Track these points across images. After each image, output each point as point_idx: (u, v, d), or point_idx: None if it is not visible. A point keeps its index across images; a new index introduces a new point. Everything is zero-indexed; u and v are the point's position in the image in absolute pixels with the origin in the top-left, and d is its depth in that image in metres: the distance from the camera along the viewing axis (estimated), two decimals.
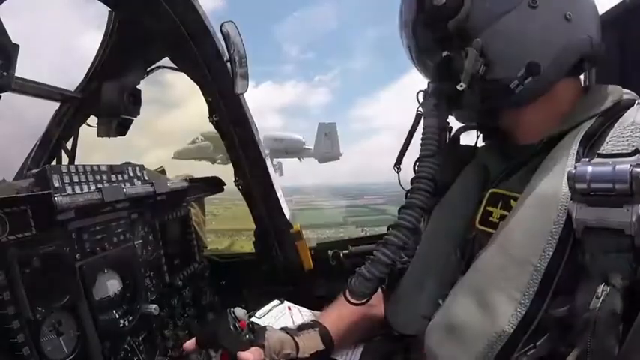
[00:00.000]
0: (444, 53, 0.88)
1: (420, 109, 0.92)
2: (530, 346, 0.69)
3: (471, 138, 1.03)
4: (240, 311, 0.93)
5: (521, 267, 0.69)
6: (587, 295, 0.63)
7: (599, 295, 0.61)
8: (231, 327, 0.89)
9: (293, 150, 31.74)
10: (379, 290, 0.92)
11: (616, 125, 0.74)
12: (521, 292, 0.68)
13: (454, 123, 1.00)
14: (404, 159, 0.99)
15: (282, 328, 1.01)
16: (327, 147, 32.27)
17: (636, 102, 0.78)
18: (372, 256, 0.88)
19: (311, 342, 0.99)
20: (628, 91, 0.82)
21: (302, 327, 1.03)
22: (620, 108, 0.78)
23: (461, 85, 0.83)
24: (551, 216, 0.68)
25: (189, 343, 0.95)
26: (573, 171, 0.66)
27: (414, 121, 0.94)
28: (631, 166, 0.61)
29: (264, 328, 0.95)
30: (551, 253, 0.67)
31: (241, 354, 0.86)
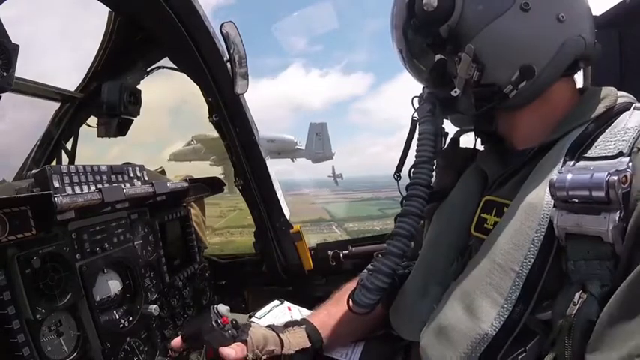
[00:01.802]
0: (437, 57, 0.88)
1: (415, 115, 0.93)
2: (521, 349, 0.70)
3: (470, 139, 1.03)
4: (223, 308, 0.93)
5: (504, 273, 0.70)
6: (565, 301, 0.64)
7: (576, 302, 0.62)
8: (214, 323, 0.90)
9: (285, 150, 32.06)
10: None
11: (607, 131, 0.74)
12: (503, 297, 0.69)
13: (452, 128, 1.00)
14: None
15: (268, 326, 1.02)
16: (319, 147, 32.66)
17: (633, 106, 0.77)
18: (372, 267, 0.89)
19: (297, 339, 0.99)
20: (624, 93, 0.81)
21: (288, 324, 1.04)
22: (613, 113, 0.77)
23: (455, 91, 0.83)
24: (533, 224, 0.69)
25: (176, 341, 0.96)
26: (554, 179, 0.67)
27: (410, 128, 0.94)
28: (608, 174, 0.61)
29: (248, 325, 0.96)
30: (532, 259, 0.68)
31: (223, 349, 0.87)
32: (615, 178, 0.60)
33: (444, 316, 0.79)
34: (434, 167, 0.90)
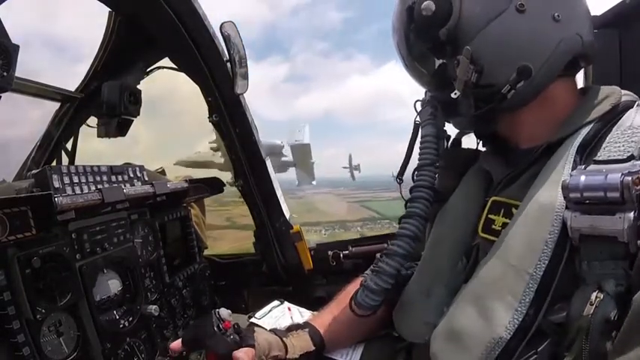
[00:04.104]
0: (439, 62, 0.88)
1: (418, 118, 0.94)
2: (532, 352, 0.69)
3: (472, 140, 1.04)
4: (224, 312, 0.93)
5: (518, 275, 0.70)
6: (581, 302, 0.64)
7: (593, 301, 0.62)
8: (216, 328, 0.89)
9: (273, 152, 32.61)
10: None
11: (614, 129, 0.74)
12: (517, 300, 0.69)
13: (453, 130, 1.00)
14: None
15: (271, 330, 1.01)
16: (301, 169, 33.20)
17: (636, 104, 0.78)
18: (376, 268, 0.89)
19: (300, 343, 0.99)
20: (627, 92, 0.81)
21: (291, 328, 1.03)
22: (618, 111, 0.77)
23: (455, 93, 0.84)
24: (546, 225, 0.69)
25: (176, 344, 0.95)
26: (567, 180, 0.67)
27: (413, 131, 0.95)
28: (622, 174, 0.62)
29: (251, 329, 0.95)
30: (546, 261, 0.68)
31: (236, 353, 0.86)
32: (629, 178, 0.61)
33: (455, 320, 0.78)
34: (437, 169, 0.91)
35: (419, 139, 0.93)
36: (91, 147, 2.27)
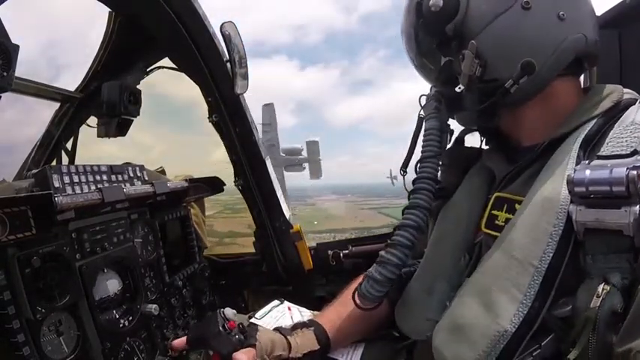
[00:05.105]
0: (445, 59, 0.89)
1: (422, 112, 0.95)
2: (536, 346, 0.70)
3: (475, 139, 1.04)
4: (229, 312, 0.92)
5: (522, 268, 0.70)
6: (588, 295, 0.64)
7: (600, 294, 0.62)
8: (221, 328, 0.89)
9: (293, 152, 32.91)
10: None
11: (616, 125, 0.74)
12: (522, 293, 0.69)
13: (457, 126, 1.01)
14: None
15: (275, 329, 1.00)
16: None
17: (638, 101, 0.79)
18: (380, 259, 0.88)
19: (305, 341, 0.98)
20: (629, 90, 0.82)
21: (296, 326, 1.03)
22: (620, 108, 0.78)
23: (459, 88, 0.85)
24: (551, 218, 0.69)
25: (179, 342, 0.95)
26: (572, 175, 0.67)
27: (417, 125, 0.96)
28: (627, 168, 0.62)
29: (255, 329, 0.94)
30: (551, 254, 0.68)
31: (236, 355, 0.86)
32: (635, 172, 0.62)
33: (459, 314, 0.78)
34: (440, 162, 0.91)
35: (422, 133, 0.94)
36: (112, 152, 2.21)
